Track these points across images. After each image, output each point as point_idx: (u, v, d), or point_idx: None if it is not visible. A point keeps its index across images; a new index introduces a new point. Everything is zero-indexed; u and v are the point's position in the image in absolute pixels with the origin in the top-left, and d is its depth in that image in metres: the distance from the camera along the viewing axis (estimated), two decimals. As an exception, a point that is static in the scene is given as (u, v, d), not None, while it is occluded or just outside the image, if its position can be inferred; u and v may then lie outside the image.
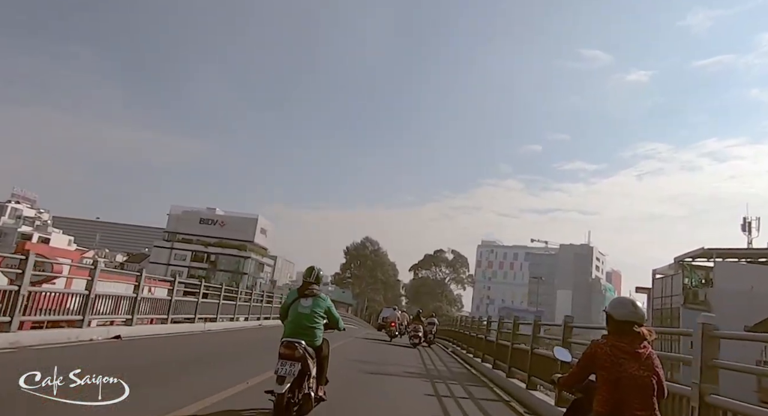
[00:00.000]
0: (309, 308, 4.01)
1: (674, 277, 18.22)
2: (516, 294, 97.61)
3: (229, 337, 12.03)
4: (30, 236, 52.64)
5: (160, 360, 6.87)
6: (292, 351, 3.73)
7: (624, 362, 2.43)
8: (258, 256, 68.45)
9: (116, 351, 7.23)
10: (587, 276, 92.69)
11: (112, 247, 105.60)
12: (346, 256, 76.67)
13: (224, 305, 14.41)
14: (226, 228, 66.72)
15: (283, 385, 3.60)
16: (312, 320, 3.98)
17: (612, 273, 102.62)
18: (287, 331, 3.94)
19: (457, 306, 78.59)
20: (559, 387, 3.10)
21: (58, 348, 6.47)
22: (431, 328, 19.76)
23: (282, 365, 3.68)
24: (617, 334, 2.56)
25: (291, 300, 4.12)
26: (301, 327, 3.93)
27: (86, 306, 7.47)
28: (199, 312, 12.40)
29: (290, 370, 3.66)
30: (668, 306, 18.04)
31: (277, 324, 16.89)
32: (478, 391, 7.91)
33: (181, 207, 69.96)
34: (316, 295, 4.09)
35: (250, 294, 18.24)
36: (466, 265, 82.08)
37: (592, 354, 2.56)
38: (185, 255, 65.03)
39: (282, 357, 3.73)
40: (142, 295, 9.52)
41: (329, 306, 4.13)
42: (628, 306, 2.63)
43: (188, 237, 66.13)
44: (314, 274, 4.19)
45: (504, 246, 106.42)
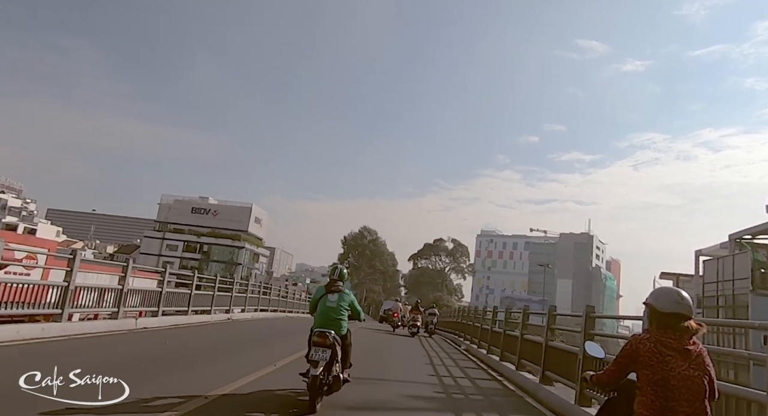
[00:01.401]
0: (335, 302, 4.68)
1: (737, 257, 14.54)
2: (516, 284, 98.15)
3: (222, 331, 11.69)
4: (15, 226, 51.83)
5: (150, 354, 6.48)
6: (323, 339, 4.41)
7: (671, 360, 2.20)
8: (253, 246, 67.76)
9: (99, 348, 6.81)
10: (587, 265, 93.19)
11: (108, 239, 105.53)
12: (343, 246, 76.04)
13: (219, 297, 13.97)
14: (219, 217, 65.96)
15: (317, 368, 4.25)
16: (338, 313, 4.67)
17: (611, 261, 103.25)
18: (318, 322, 4.61)
19: (457, 295, 78.47)
20: (592, 386, 2.86)
21: (32, 344, 6.04)
22: (432, 319, 19.95)
23: (315, 351, 4.36)
24: (662, 328, 2.30)
25: (319, 296, 4.77)
26: (329, 319, 4.61)
27: (65, 299, 7.00)
28: (193, 305, 12.04)
29: (322, 356, 4.34)
30: (729, 292, 14.22)
31: (263, 317, 17.08)
32: (490, 386, 7.59)
33: (173, 196, 69.00)
34: (341, 291, 4.77)
35: (245, 286, 17.88)
36: (466, 254, 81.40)
37: (634, 350, 2.31)
38: (177, 245, 64.30)
39: (315, 344, 4.41)
40: (130, 287, 9.03)
41: (352, 301, 4.82)
42: (674, 297, 2.35)
43: (180, 227, 65.28)
44: (338, 272, 4.91)
45: (503, 236, 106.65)
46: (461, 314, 20.35)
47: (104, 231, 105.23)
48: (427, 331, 19.25)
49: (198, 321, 12.07)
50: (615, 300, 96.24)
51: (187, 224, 65.46)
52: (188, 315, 11.73)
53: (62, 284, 7.05)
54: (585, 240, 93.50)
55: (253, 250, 68.14)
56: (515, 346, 8.75)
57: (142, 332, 8.73)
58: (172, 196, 69.04)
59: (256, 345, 9.45)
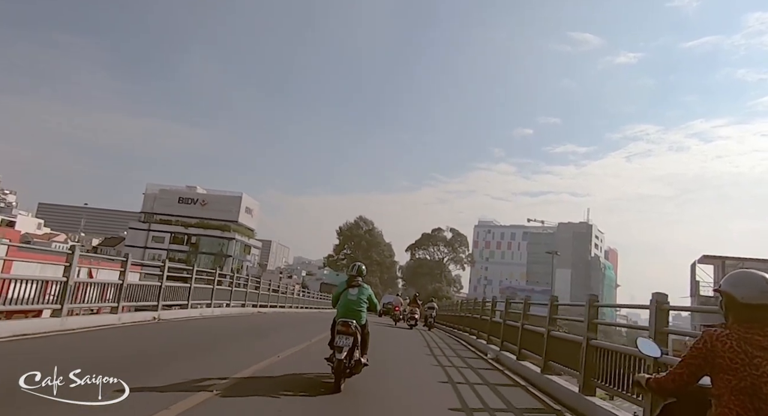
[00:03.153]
0: (356, 296, 5.44)
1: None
2: (514, 274, 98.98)
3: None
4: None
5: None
6: (347, 328, 5.12)
7: (762, 363, 1.82)
8: (244, 238, 67.15)
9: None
10: (587, 255, 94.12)
11: (100, 232, 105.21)
12: (339, 237, 75.68)
13: (198, 290, 12.58)
14: (208, 207, 65.22)
15: (341, 353, 4.92)
16: (358, 305, 5.42)
17: (609, 251, 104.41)
18: (341, 313, 5.35)
19: (456, 286, 78.52)
20: (648, 391, 2.30)
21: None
22: (431, 312, 20.17)
23: (339, 338, 5.04)
24: (746, 323, 1.92)
25: (341, 290, 5.56)
26: (351, 310, 5.35)
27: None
28: (164, 299, 10.58)
29: (346, 342, 5.01)
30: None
31: (230, 314, 14.63)
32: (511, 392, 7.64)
33: (159, 185, 68.07)
34: (360, 286, 5.54)
35: (230, 278, 16.35)
36: (465, 244, 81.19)
37: (709, 350, 1.92)
38: (164, 237, 63.61)
39: (339, 332, 5.10)
40: (78, 279, 7.64)
41: (370, 294, 5.60)
42: (761, 284, 1.94)
43: (167, 217, 64.55)
44: (356, 269, 5.73)
45: (501, 226, 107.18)
46: (459, 306, 20.41)
47: (96, 224, 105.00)
48: (426, 325, 19.51)
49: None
50: (614, 289, 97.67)
51: (174, 214, 64.72)
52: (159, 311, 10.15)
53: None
54: (584, 230, 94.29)
55: (245, 242, 67.55)
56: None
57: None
58: (158, 185, 68.15)
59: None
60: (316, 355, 5.88)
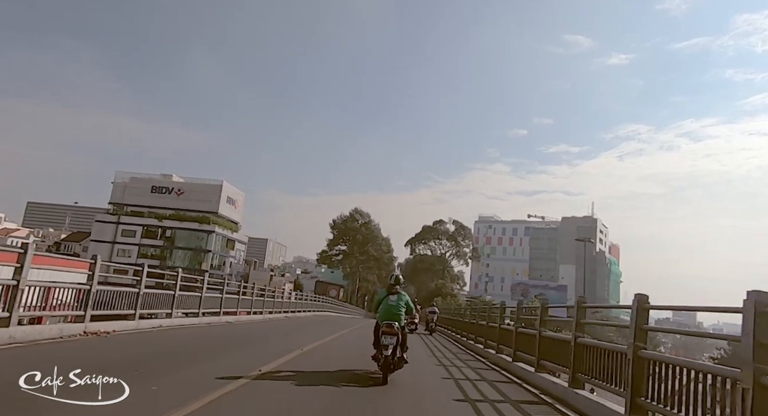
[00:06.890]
0: (396, 301, 6.82)
1: None
2: (517, 270, 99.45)
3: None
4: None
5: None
6: (391, 329, 6.44)
7: None
8: (226, 231, 65.31)
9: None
10: (591, 249, 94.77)
11: (85, 229, 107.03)
12: (332, 231, 73.40)
13: (150, 295, 10.88)
14: (185, 197, 63.60)
15: (387, 351, 6.25)
16: (398, 309, 6.77)
17: (612, 246, 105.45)
18: (383, 317, 6.69)
19: (459, 283, 76.98)
20: None
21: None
22: (432, 317, 21.28)
23: (385, 338, 6.36)
24: None
25: (382, 297, 6.96)
26: (392, 314, 6.69)
27: None
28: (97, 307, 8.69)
29: (391, 341, 6.34)
30: None
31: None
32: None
33: (129, 173, 66.22)
34: (399, 293, 6.94)
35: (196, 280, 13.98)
36: (469, 237, 79.77)
37: None
38: (135, 230, 61.96)
39: (384, 333, 6.41)
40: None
41: (408, 300, 6.97)
42: None
43: (138, 209, 62.85)
44: (394, 278, 7.28)
45: (503, 222, 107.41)
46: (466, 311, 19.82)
47: (83, 222, 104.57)
48: (428, 329, 20.65)
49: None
50: (619, 284, 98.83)
51: (146, 205, 62.97)
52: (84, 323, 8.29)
53: None
54: (588, 224, 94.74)
55: (227, 235, 65.74)
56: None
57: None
58: (129, 172, 66.13)
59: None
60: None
